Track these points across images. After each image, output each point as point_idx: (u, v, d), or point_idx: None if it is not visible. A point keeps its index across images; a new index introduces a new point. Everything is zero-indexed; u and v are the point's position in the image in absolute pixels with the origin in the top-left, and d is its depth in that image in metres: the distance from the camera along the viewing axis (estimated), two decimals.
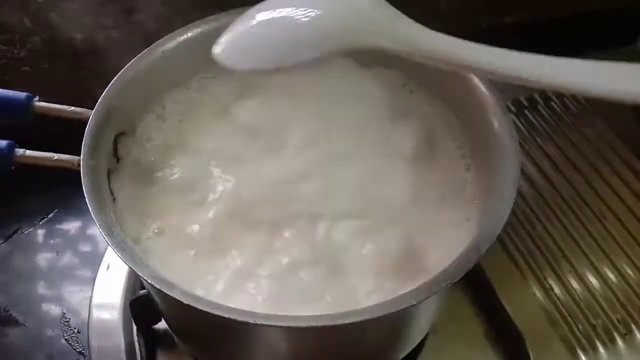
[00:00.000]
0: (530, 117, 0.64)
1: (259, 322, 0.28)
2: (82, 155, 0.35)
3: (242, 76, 0.44)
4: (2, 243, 0.59)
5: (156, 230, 0.38)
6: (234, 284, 0.36)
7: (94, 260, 0.56)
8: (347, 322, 0.28)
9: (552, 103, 0.65)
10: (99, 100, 0.38)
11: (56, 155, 0.36)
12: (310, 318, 0.28)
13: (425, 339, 0.45)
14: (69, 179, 0.36)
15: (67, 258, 0.58)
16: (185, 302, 0.28)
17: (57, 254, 0.59)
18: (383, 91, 0.45)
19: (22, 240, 0.60)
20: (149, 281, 0.29)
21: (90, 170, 0.35)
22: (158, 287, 0.29)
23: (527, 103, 0.65)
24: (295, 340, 0.33)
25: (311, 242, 0.37)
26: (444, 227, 0.38)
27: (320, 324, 0.28)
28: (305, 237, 0.37)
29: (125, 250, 0.31)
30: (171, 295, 0.29)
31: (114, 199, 0.37)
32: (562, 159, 0.60)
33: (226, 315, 0.28)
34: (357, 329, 0.30)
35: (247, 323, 0.28)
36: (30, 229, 0.60)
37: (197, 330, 0.37)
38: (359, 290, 0.35)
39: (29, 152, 0.37)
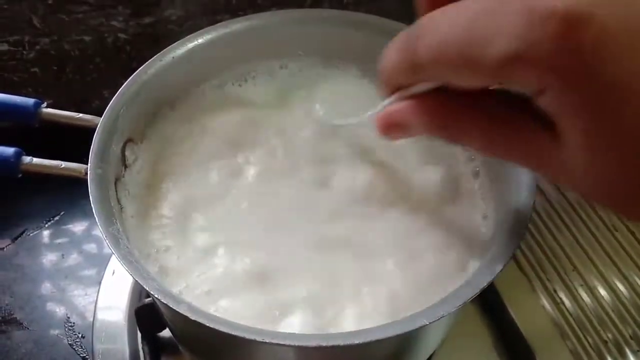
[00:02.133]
0: None
1: (267, 340, 0.27)
2: (89, 164, 0.34)
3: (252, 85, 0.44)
4: (9, 245, 0.59)
5: (163, 239, 0.38)
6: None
7: (100, 263, 0.56)
8: (357, 342, 0.27)
9: None
10: (107, 108, 0.38)
11: (63, 164, 0.36)
12: (320, 337, 0.27)
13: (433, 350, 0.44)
14: (76, 181, 0.36)
15: (72, 260, 0.58)
16: (193, 318, 0.28)
17: (62, 257, 0.58)
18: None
19: (28, 242, 0.59)
20: (156, 295, 0.29)
21: (98, 179, 0.34)
22: (164, 301, 0.29)
23: None
24: (302, 356, 0.32)
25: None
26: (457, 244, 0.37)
27: (330, 343, 0.27)
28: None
29: (131, 263, 0.30)
30: (177, 310, 0.28)
31: (122, 208, 0.37)
32: None
33: (234, 333, 0.27)
34: (366, 347, 0.29)
35: (254, 340, 0.27)
36: (37, 231, 0.60)
37: (203, 342, 0.36)
38: None
39: (35, 160, 0.36)
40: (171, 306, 0.29)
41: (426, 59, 0.24)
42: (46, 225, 0.61)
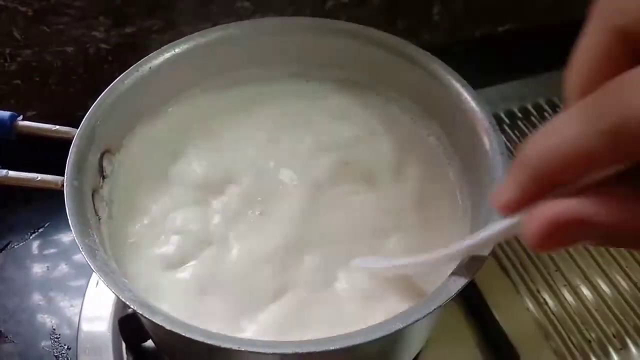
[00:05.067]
0: (524, 127, 0.64)
1: (242, 349, 0.27)
2: (65, 176, 0.34)
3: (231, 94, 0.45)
4: None
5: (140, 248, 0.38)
6: None
7: (86, 274, 0.55)
8: (332, 348, 0.27)
9: (545, 113, 0.65)
10: (84, 119, 0.38)
11: (39, 176, 0.36)
12: (295, 344, 0.28)
13: (417, 353, 0.44)
14: (61, 193, 0.36)
15: (58, 272, 0.58)
16: (168, 327, 0.28)
17: (48, 269, 0.58)
18: (369, 108, 0.45)
19: (13, 254, 0.59)
20: (132, 306, 0.29)
21: (74, 191, 0.34)
22: (140, 312, 0.29)
23: (520, 114, 0.65)
24: None
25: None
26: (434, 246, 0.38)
27: (304, 350, 0.27)
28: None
29: (107, 274, 0.30)
30: (154, 320, 0.28)
31: (99, 219, 0.37)
32: None
33: (210, 342, 0.27)
34: (345, 353, 0.29)
35: (230, 349, 0.27)
36: (22, 243, 0.60)
37: (184, 352, 0.36)
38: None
39: (11, 173, 0.36)
40: (147, 317, 0.29)
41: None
42: (31, 237, 0.61)
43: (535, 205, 0.20)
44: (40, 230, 0.61)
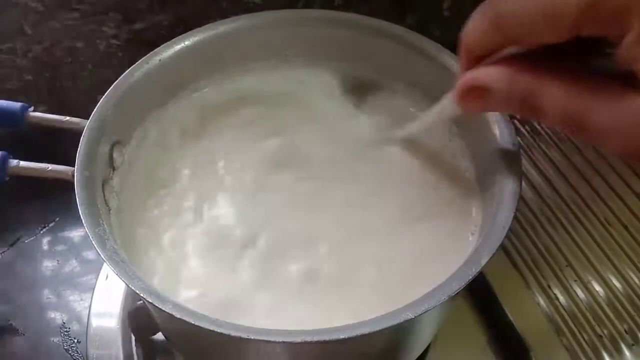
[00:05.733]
0: (535, 122, 0.63)
1: (252, 337, 0.27)
2: (76, 167, 0.35)
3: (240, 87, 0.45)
4: (4, 252, 0.59)
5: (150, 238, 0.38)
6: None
7: (95, 269, 0.56)
8: (341, 337, 0.27)
9: None
10: (94, 110, 0.38)
11: (50, 166, 0.36)
12: (305, 333, 0.27)
13: (427, 347, 0.44)
14: (70, 187, 0.36)
15: (68, 267, 0.58)
16: (178, 316, 0.28)
17: (57, 263, 0.58)
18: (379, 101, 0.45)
19: (23, 248, 0.59)
20: (141, 295, 0.29)
21: (85, 181, 0.34)
22: (150, 300, 0.29)
23: None
24: (290, 353, 0.32)
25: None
26: (445, 237, 0.38)
27: (314, 339, 0.27)
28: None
29: (117, 263, 0.30)
30: (163, 309, 0.28)
31: (109, 210, 0.37)
32: (567, 164, 0.59)
33: (219, 331, 0.27)
34: (355, 342, 0.29)
35: (240, 338, 0.27)
36: (32, 238, 0.60)
37: (193, 342, 0.36)
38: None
39: (22, 163, 0.36)
40: (157, 305, 0.29)
41: (508, 15, 0.25)
42: (41, 232, 0.61)
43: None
44: (51, 225, 0.61)
